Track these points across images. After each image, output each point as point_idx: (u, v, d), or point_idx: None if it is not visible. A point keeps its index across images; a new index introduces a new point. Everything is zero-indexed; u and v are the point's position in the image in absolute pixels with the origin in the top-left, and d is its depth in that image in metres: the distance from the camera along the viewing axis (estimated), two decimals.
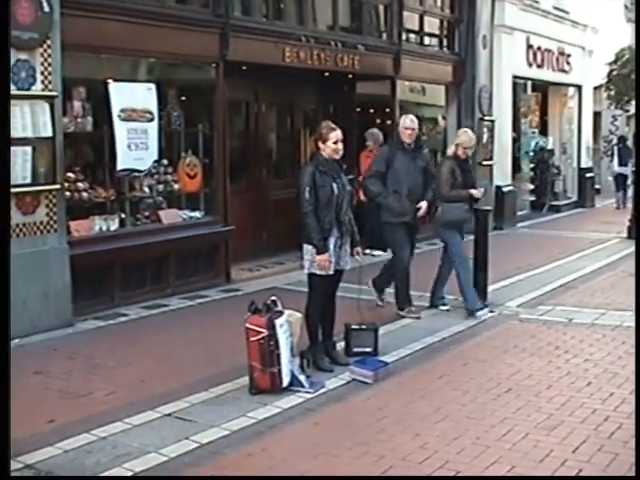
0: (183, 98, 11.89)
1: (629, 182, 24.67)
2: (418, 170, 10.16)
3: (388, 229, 10.10)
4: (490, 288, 10.77)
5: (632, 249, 15.61)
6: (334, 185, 7.69)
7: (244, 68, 12.42)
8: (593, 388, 7.29)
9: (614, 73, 17.40)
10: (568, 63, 22.48)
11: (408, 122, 10.27)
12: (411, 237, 10.31)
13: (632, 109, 20.27)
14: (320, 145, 7.77)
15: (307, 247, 7.70)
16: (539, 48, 20.71)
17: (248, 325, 7.01)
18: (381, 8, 15.80)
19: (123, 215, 10.80)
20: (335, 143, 7.73)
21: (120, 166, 10.45)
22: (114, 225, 10.55)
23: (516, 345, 8.76)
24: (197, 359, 8.12)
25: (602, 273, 13.14)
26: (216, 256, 11.88)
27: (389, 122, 16.19)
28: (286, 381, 7.04)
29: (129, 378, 7.52)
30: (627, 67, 16.98)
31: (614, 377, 7.61)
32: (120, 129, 10.31)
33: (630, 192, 21.90)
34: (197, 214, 11.85)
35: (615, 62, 17.46)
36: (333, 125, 7.90)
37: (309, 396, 7.00)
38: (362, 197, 11.82)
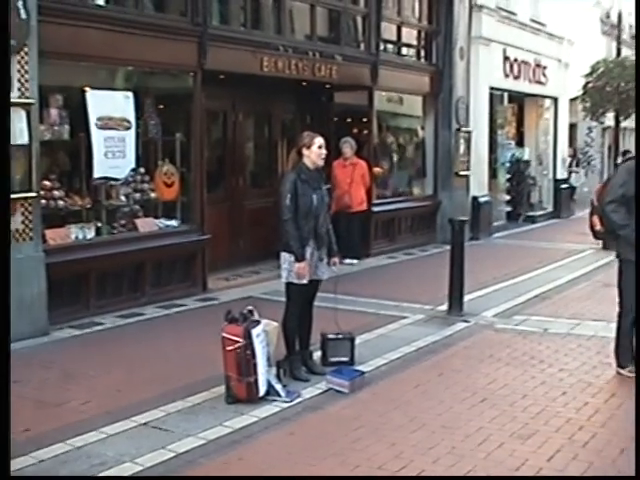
0: (161, 107, 11.88)
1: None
2: None
3: (628, 268, 7.86)
4: (466, 298, 10.82)
5: (607, 259, 15.65)
6: (314, 196, 7.72)
7: (222, 77, 12.42)
8: (568, 397, 7.32)
9: (590, 85, 17.52)
10: (544, 75, 22.64)
11: None
12: None
13: (607, 121, 20.41)
14: (304, 152, 7.80)
15: (285, 256, 7.72)
16: (516, 60, 20.86)
17: (224, 334, 7.00)
18: (359, 18, 15.87)
19: (99, 223, 10.76)
20: (319, 148, 7.80)
21: (97, 174, 10.44)
22: (90, 233, 10.52)
23: (491, 355, 8.79)
24: (173, 368, 8.10)
25: (577, 283, 13.21)
26: (193, 265, 11.87)
27: (366, 132, 16.25)
28: (262, 390, 7.04)
29: (105, 387, 7.49)
30: (602, 79, 17.11)
31: (588, 387, 7.65)
32: (97, 137, 10.30)
33: None
34: (174, 223, 11.83)
35: (590, 74, 17.59)
36: (314, 133, 8.00)
37: (285, 405, 7.00)
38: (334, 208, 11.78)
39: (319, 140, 7.85)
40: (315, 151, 7.79)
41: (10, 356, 4.71)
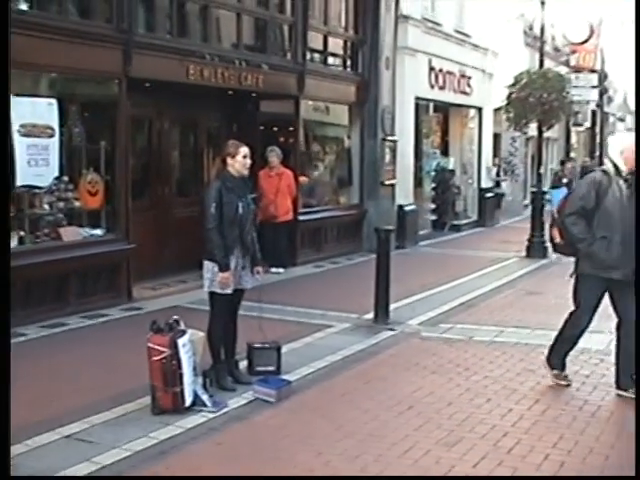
0: (85, 114, 11.76)
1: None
2: (635, 207, 7.47)
3: (585, 282, 7.77)
4: (392, 306, 10.88)
5: (531, 267, 16.00)
6: (240, 204, 7.71)
7: (147, 85, 12.33)
8: (492, 404, 7.41)
9: (513, 96, 17.70)
10: (469, 85, 22.94)
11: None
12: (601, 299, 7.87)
13: (530, 131, 20.70)
14: (229, 161, 7.79)
15: (208, 264, 7.70)
16: (441, 70, 21.06)
17: (150, 344, 6.95)
18: (285, 27, 15.89)
19: (22, 232, 10.60)
20: (244, 157, 7.79)
21: (19, 182, 10.28)
22: (13, 242, 10.33)
23: (417, 363, 8.85)
24: (98, 379, 8.01)
25: (501, 292, 13.39)
26: (118, 274, 11.75)
27: (292, 141, 16.27)
28: (189, 401, 7.00)
29: (28, 399, 7.35)
30: (525, 90, 17.31)
31: (513, 393, 7.75)
32: (20, 145, 10.15)
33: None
34: (98, 232, 11.71)
35: (514, 85, 17.77)
36: (239, 142, 7.99)
37: (212, 415, 6.97)
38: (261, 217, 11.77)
39: (244, 150, 7.84)
40: (240, 160, 7.78)
41: (10, 357, 4.78)
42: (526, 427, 6.81)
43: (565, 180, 18.67)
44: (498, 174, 26.31)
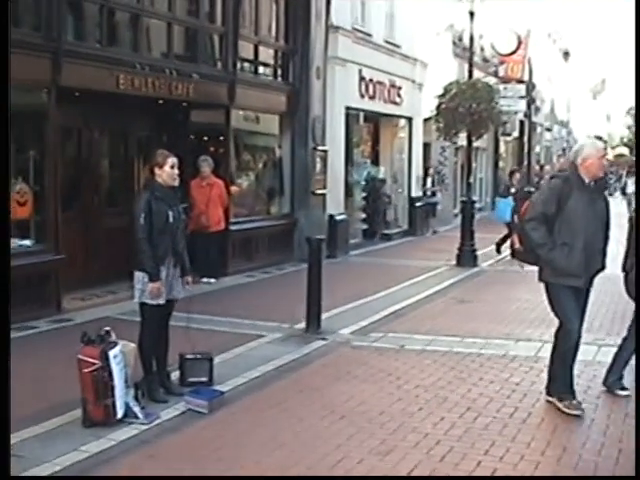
0: (14, 123, 11.57)
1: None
2: (597, 215, 7.60)
3: (553, 290, 7.65)
4: (323, 316, 10.88)
5: (461, 276, 16.15)
6: (170, 213, 7.68)
7: (77, 94, 12.21)
8: (424, 413, 7.46)
9: (443, 106, 17.88)
10: (399, 95, 23.12)
11: (601, 148, 7.86)
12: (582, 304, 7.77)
13: (460, 141, 20.91)
14: (156, 171, 7.75)
15: (139, 275, 7.64)
16: (371, 80, 21.22)
17: (81, 356, 6.89)
18: (216, 37, 15.86)
19: None
20: (172, 168, 7.75)
21: None
22: None
23: (349, 372, 8.88)
24: (26, 392, 7.84)
25: (432, 300, 13.48)
26: (47, 285, 11.60)
27: (223, 151, 16.22)
28: (120, 413, 6.95)
29: None
30: (455, 100, 17.49)
31: (444, 402, 7.81)
32: None
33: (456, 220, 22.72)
34: (27, 242, 11.55)
35: (443, 95, 17.95)
36: (168, 152, 7.94)
37: (144, 427, 6.92)
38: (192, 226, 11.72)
39: (171, 160, 7.80)
40: (167, 171, 7.74)
41: (10, 358, 4.54)
42: (458, 435, 6.87)
43: (513, 190, 18.77)
44: (433, 184, 26.53)
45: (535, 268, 7.77)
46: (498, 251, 19.17)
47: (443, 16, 25.80)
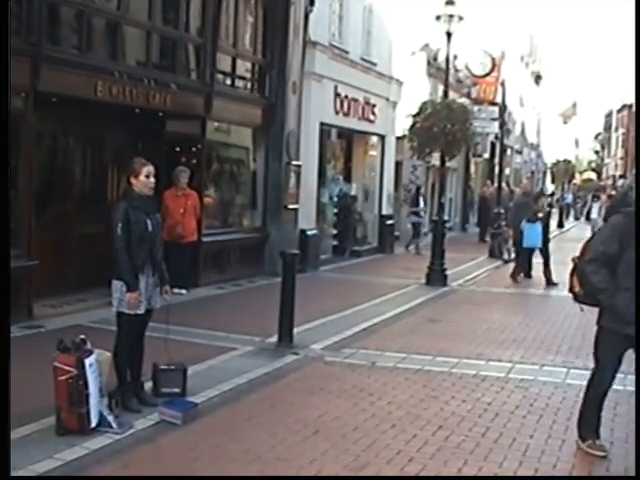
0: None
1: (425, 230, 25.79)
2: None
3: (605, 336, 7.07)
4: (295, 330, 10.90)
5: (431, 295, 16.22)
6: (148, 221, 7.68)
7: (54, 100, 12.17)
8: (397, 430, 7.49)
9: (417, 125, 17.94)
10: (373, 113, 23.22)
11: None
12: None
13: (433, 160, 21.04)
14: (132, 180, 7.75)
15: (117, 284, 7.62)
16: (346, 97, 21.32)
17: (56, 364, 6.86)
18: (194, 48, 15.85)
19: None
20: (147, 177, 7.74)
21: None
22: None
23: (322, 387, 8.90)
24: None
25: (402, 318, 13.52)
26: (18, 291, 11.47)
27: (196, 162, 16.20)
28: (94, 422, 6.93)
29: None
30: (430, 120, 17.55)
31: (417, 419, 7.84)
32: None
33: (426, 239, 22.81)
34: None
35: (418, 114, 18.02)
36: (145, 161, 7.91)
37: (118, 437, 6.90)
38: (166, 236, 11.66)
39: (147, 169, 7.79)
40: (142, 180, 7.73)
41: (10, 359, 4.78)
42: (431, 453, 6.90)
43: (541, 215, 18.34)
44: (417, 204, 26.01)
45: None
46: (515, 280, 18.68)
47: (419, 35, 26.00)
